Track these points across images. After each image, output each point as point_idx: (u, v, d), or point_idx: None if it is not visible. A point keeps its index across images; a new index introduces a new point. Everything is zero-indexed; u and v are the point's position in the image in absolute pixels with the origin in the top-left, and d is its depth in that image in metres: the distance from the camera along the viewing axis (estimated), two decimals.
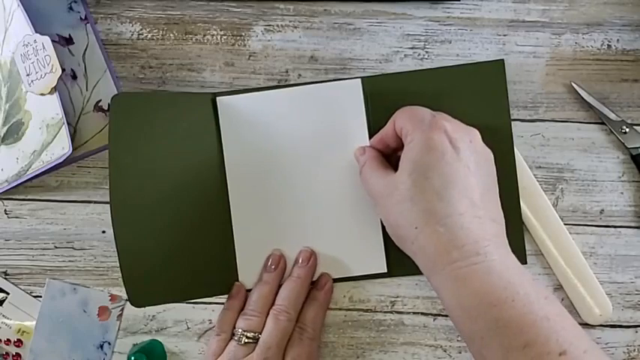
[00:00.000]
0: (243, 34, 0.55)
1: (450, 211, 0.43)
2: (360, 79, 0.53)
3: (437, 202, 0.43)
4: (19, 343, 0.54)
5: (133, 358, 0.52)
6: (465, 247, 0.42)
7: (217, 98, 0.53)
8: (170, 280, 0.51)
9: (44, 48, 0.49)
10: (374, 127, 0.52)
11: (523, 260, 0.52)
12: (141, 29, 0.55)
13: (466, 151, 0.45)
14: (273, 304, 0.51)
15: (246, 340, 0.49)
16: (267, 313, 0.50)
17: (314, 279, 0.52)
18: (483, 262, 0.42)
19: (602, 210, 0.53)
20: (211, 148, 0.52)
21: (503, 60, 0.52)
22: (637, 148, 0.53)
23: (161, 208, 0.50)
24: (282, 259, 0.52)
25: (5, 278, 0.54)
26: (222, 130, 0.53)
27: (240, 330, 0.50)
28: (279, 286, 0.52)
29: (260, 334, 0.49)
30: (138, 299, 0.51)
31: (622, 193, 0.53)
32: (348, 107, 0.52)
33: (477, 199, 0.44)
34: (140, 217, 0.50)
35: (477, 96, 0.52)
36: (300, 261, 0.52)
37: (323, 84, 0.53)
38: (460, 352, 0.53)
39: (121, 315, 0.54)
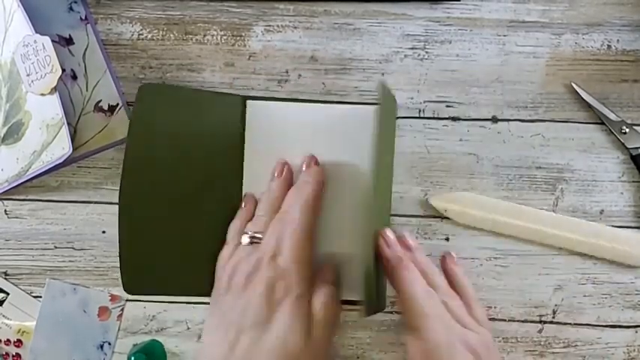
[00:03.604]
0: (243, 34, 0.55)
1: None
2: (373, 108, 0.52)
3: None
4: (19, 343, 0.54)
5: (133, 358, 0.52)
6: None
7: (247, 102, 0.53)
8: (168, 272, 0.51)
9: (44, 48, 0.49)
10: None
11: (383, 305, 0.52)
12: (141, 29, 0.55)
13: None
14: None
15: (253, 240, 0.49)
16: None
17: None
18: None
19: (602, 210, 0.53)
20: (232, 150, 0.52)
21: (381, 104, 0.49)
22: (637, 148, 0.53)
23: (171, 201, 0.51)
24: (286, 167, 0.52)
25: (5, 278, 0.54)
26: (247, 133, 0.53)
27: (247, 232, 0.50)
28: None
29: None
30: (131, 285, 0.51)
31: (622, 193, 0.53)
32: (360, 135, 0.52)
33: None
34: (148, 207, 0.50)
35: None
36: (305, 166, 0.51)
37: (355, 106, 0.53)
38: None
39: (121, 315, 0.54)
